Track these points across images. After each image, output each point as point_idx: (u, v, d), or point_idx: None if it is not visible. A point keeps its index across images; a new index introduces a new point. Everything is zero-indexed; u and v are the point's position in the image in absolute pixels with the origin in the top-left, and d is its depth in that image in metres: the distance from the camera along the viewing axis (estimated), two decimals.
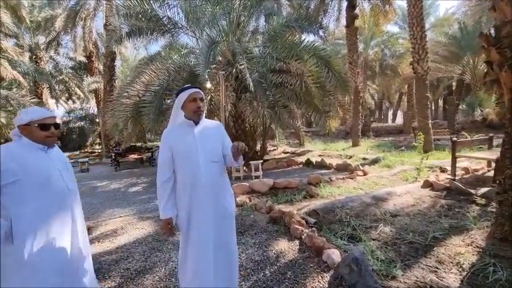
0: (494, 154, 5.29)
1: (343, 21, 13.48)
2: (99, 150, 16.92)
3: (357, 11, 12.77)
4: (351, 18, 12.50)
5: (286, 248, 2.64)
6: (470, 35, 15.95)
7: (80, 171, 10.25)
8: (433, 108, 24.96)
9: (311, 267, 2.28)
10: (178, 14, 8.13)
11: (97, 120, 17.86)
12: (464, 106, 18.76)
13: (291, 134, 16.53)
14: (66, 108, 22.37)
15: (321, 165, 7.86)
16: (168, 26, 8.16)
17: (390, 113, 35.99)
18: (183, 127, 1.79)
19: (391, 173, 6.11)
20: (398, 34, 21.44)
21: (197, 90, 1.82)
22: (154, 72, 7.01)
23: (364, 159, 8.29)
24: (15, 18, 12.73)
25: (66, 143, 19.51)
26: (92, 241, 3.01)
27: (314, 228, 2.76)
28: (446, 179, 4.90)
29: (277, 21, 8.39)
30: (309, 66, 6.78)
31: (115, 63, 15.06)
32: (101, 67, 16.80)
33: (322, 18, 13.48)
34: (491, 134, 6.49)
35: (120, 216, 4.06)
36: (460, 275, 2.25)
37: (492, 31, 2.24)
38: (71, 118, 21.53)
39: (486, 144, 5.98)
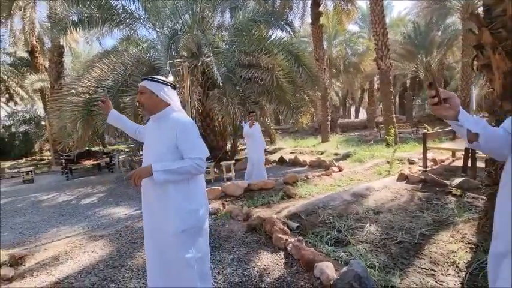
0: (459, 145, 5.48)
1: (308, 19, 13.54)
2: (50, 157, 15.08)
3: (321, 8, 12.87)
4: (316, 15, 12.57)
5: (270, 262, 2.26)
6: (423, 34, 17.08)
7: (22, 183, 8.90)
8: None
9: (302, 286, 1.93)
10: (134, 2, 7.34)
11: (43, 123, 15.87)
12: (419, 101, 20.16)
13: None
14: (8, 111, 19.77)
15: (295, 163, 7.66)
16: (123, 15, 7.30)
17: (353, 109, 37.69)
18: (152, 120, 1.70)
19: (364, 168, 6.08)
20: (359, 33, 22.33)
21: (142, 82, 1.64)
22: (108, 66, 6.17)
23: (336, 154, 8.28)
24: None
25: (8, 150, 17.11)
26: (22, 276, 2.35)
27: (301, 237, 2.42)
28: (419, 171, 4.93)
29: (243, 16, 8.00)
30: (279, 60, 6.50)
31: (63, 59, 13.42)
32: (47, 63, 14.93)
33: (287, 15, 13.36)
34: None
35: (67, 237, 3.37)
36: (459, 276, 2.08)
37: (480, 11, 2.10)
38: (12, 122, 18.98)
39: (450, 135, 6.23)
